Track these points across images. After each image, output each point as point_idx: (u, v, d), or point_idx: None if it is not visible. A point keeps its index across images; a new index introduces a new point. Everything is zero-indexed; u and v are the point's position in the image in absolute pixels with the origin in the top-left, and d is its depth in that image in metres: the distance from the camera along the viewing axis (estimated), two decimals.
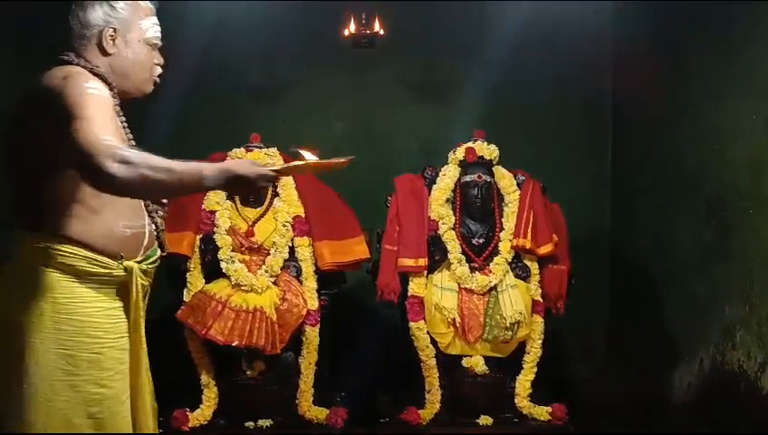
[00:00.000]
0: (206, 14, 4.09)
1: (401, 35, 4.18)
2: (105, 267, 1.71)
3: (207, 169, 1.63)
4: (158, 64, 1.88)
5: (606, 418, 3.69)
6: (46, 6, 3.17)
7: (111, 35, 1.79)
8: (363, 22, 3.94)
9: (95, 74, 1.74)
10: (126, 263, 1.73)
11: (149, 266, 1.81)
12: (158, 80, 1.88)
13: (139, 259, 1.77)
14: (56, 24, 3.38)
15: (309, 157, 1.77)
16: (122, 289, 1.75)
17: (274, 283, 3.41)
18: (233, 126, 4.09)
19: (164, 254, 1.86)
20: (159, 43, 1.87)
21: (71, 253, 1.67)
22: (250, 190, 1.74)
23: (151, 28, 1.86)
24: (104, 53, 1.79)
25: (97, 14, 1.79)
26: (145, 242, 1.79)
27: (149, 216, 1.82)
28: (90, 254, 1.68)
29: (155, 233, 1.83)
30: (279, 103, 4.37)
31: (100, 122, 1.58)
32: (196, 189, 1.71)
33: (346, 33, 3.96)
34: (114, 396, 1.70)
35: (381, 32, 3.95)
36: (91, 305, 1.69)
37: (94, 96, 1.63)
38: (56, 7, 3.18)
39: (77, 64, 1.74)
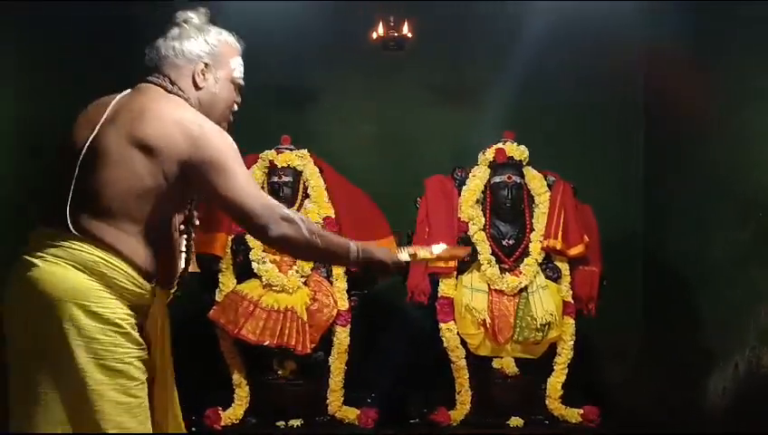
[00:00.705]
0: (236, 18, 4.12)
1: (429, 38, 4.18)
2: (141, 288, 1.74)
3: (353, 246, 1.85)
4: (236, 103, 1.96)
5: (638, 421, 3.64)
6: (46, 6, 3.26)
7: (203, 70, 1.85)
8: (392, 25, 3.95)
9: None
10: (157, 289, 1.78)
11: (171, 294, 1.87)
12: (231, 119, 1.95)
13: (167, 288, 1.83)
14: (56, 25, 3.45)
15: (436, 249, 1.98)
16: (145, 308, 1.77)
17: (305, 283, 3.44)
18: (263, 128, 4.13)
19: (178, 288, 1.92)
20: (243, 83, 1.94)
21: (116, 266, 1.69)
22: (383, 273, 1.97)
23: (238, 68, 1.92)
24: (195, 86, 1.85)
25: (193, 47, 1.85)
26: (177, 274, 1.87)
27: (186, 251, 1.90)
28: (133, 272, 1.72)
29: (183, 266, 1.92)
30: (309, 106, 4.40)
31: (251, 178, 1.75)
32: (339, 261, 1.98)
33: (374, 35, 3.98)
34: (139, 405, 1.72)
35: (410, 35, 3.96)
36: (123, 318, 1.70)
37: (236, 149, 1.76)
38: (57, 8, 3.28)
39: (176, 94, 1.81)
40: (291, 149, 3.57)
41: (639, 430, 3.57)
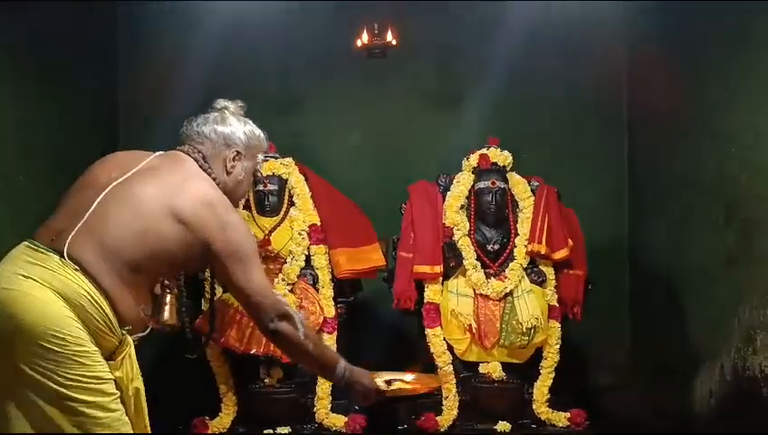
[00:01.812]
0: (220, 26, 4.14)
1: (415, 45, 4.20)
2: (112, 332, 1.73)
3: (342, 364, 1.96)
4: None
5: (626, 425, 3.66)
6: (46, 8, 3.26)
7: (235, 157, 1.96)
8: (376, 32, 3.96)
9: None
10: (127, 336, 1.80)
11: (137, 340, 1.89)
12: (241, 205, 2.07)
13: (134, 337, 1.85)
14: (54, 27, 3.45)
15: (408, 377, 2.12)
16: (106, 352, 1.77)
17: (291, 291, 3.44)
18: None
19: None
20: (260, 176, 2.05)
21: (98, 306, 1.69)
22: (361, 399, 2.05)
23: (261, 162, 2.06)
24: (226, 170, 1.96)
25: (232, 134, 1.96)
26: (149, 325, 1.92)
27: (159, 309, 2.00)
28: (112, 317, 1.72)
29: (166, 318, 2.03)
30: (293, 113, 4.41)
31: (263, 271, 1.89)
32: (324, 372, 2.04)
33: (359, 43, 3.99)
34: (120, 418, 1.73)
35: (394, 41, 3.97)
36: (90, 346, 1.69)
37: (255, 241, 1.91)
38: (56, 9, 3.28)
39: (208, 172, 1.91)
40: (276, 158, 3.57)
41: (626, 433, 3.58)
